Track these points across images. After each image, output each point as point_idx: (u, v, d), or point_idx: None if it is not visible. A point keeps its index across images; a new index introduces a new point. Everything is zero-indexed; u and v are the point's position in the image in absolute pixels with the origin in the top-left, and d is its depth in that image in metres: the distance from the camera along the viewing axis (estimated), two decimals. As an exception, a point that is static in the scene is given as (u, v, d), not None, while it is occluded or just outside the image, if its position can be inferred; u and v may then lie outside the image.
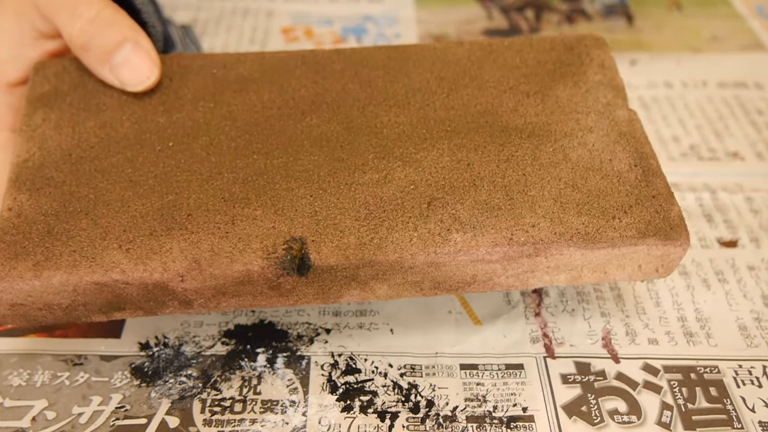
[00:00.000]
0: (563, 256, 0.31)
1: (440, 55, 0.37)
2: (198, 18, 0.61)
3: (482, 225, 0.30)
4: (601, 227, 0.31)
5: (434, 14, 0.63)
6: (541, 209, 0.31)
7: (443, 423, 0.33)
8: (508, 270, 0.31)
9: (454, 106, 0.34)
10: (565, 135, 0.33)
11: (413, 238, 0.30)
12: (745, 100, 0.54)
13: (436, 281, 0.31)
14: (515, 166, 0.32)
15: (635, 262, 0.32)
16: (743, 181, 0.47)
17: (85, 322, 0.34)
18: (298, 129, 0.33)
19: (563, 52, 0.37)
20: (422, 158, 0.32)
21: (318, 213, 0.30)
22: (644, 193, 0.32)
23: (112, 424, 0.33)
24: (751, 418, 0.34)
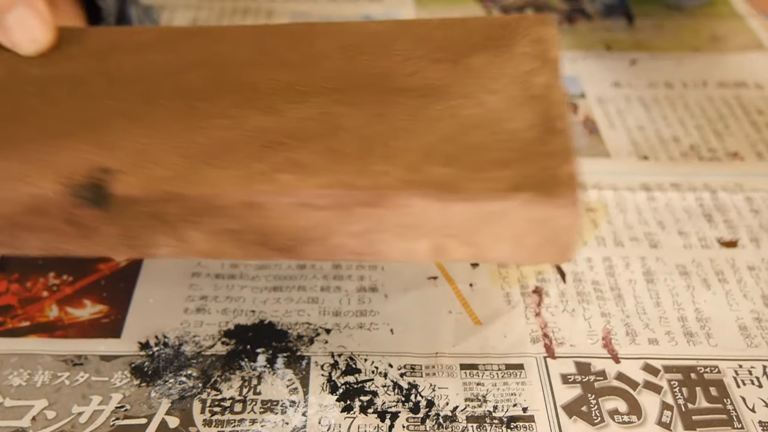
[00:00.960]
0: (413, 208, 0.27)
1: (355, 29, 0.35)
2: (198, 18, 0.61)
3: (320, 168, 0.27)
4: (465, 178, 0.26)
5: (434, 14, 0.63)
6: (401, 160, 0.27)
7: (443, 423, 0.33)
8: (346, 225, 0.27)
9: (348, 69, 0.33)
10: (463, 96, 0.30)
11: (234, 176, 0.28)
12: (745, 100, 0.54)
13: (261, 233, 0.28)
14: (388, 120, 0.29)
15: (512, 230, 0.27)
16: (743, 181, 0.47)
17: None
18: (168, 83, 0.33)
19: (496, 29, 0.34)
20: (287, 110, 0.30)
21: (144, 151, 0.29)
22: (535, 150, 0.28)
23: (112, 424, 0.33)
24: (751, 418, 0.34)
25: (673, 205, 0.45)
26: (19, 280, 0.39)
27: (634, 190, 0.46)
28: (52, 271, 0.39)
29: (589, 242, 0.42)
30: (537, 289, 0.39)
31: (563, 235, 0.27)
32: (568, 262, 0.27)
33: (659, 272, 0.40)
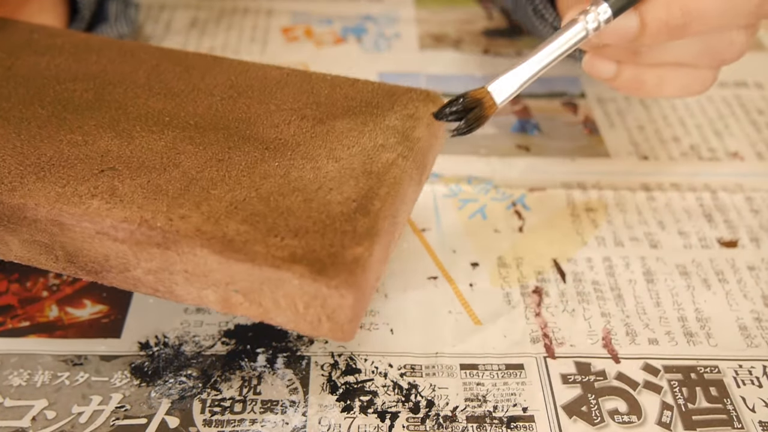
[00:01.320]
0: (197, 258, 0.28)
1: (253, 71, 0.37)
2: (198, 18, 0.61)
3: (131, 201, 0.29)
4: (253, 239, 0.27)
5: (434, 14, 0.63)
6: (207, 208, 0.28)
7: (443, 423, 0.33)
8: (142, 261, 0.29)
9: (220, 109, 0.34)
10: (305, 157, 0.31)
11: (52, 192, 0.29)
12: (745, 100, 0.54)
13: (68, 252, 0.30)
14: (222, 166, 0.31)
15: (291, 298, 0.27)
16: (743, 181, 0.47)
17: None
18: (52, 90, 0.35)
19: (380, 96, 0.35)
20: (140, 137, 0.32)
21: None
22: (337, 225, 0.28)
23: (112, 424, 0.33)
24: (751, 418, 0.34)
25: (673, 205, 0.45)
26: (19, 280, 0.39)
27: (634, 190, 0.46)
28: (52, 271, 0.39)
29: (589, 242, 0.42)
30: (537, 289, 0.39)
31: (339, 314, 0.27)
32: (349, 341, 0.28)
33: (659, 272, 0.40)
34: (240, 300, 0.28)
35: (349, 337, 0.28)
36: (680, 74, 0.37)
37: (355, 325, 0.28)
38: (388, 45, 0.59)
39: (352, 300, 0.26)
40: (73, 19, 0.49)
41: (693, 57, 0.36)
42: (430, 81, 0.55)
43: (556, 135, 0.50)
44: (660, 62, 0.36)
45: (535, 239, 0.42)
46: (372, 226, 0.28)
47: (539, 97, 0.53)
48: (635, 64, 0.37)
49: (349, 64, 0.56)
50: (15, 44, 0.38)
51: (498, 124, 0.51)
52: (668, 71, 0.36)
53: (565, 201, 0.45)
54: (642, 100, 0.53)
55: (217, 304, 0.29)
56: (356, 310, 0.27)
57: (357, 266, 0.27)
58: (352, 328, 0.28)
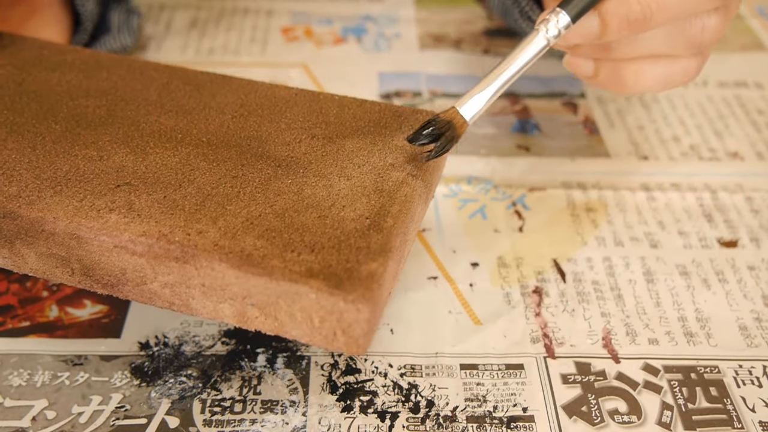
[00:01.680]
0: (215, 272, 0.28)
1: (263, 90, 0.37)
2: (198, 18, 0.61)
3: (149, 216, 0.29)
4: (270, 254, 0.28)
5: (434, 14, 0.63)
6: (223, 223, 0.29)
7: (443, 423, 0.33)
8: (159, 275, 0.29)
9: (231, 127, 0.35)
10: (317, 175, 0.32)
11: (70, 206, 0.29)
12: (745, 100, 0.54)
13: (85, 265, 0.30)
14: (236, 183, 0.31)
15: (307, 312, 0.28)
16: (743, 181, 0.47)
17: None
18: (65, 105, 0.35)
19: (388, 117, 0.36)
20: (154, 153, 0.33)
21: (6, 164, 0.31)
22: (351, 241, 0.29)
23: (112, 424, 0.33)
24: (751, 418, 0.34)
25: (673, 205, 0.45)
26: (19, 280, 0.39)
27: (634, 190, 0.46)
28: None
29: (589, 242, 0.42)
30: (537, 289, 0.39)
31: (354, 327, 0.27)
32: (362, 354, 0.29)
33: (659, 272, 0.40)
34: (256, 314, 0.29)
35: (363, 351, 0.28)
36: (659, 66, 0.37)
37: (370, 338, 0.28)
38: (388, 45, 0.59)
39: (368, 314, 0.27)
40: (76, 31, 0.49)
41: (667, 47, 0.36)
42: (430, 81, 0.55)
43: (556, 135, 0.50)
44: (635, 56, 0.36)
45: (535, 239, 0.42)
46: (386, 243, 0.29)
47: (539, 97, 0.53)
48: (611, 60, 0.37)
49: (349, 64, 0.56)
50: (25, 60, 0.39)
51: (498, 124, 0.51)
52: (646, 64, 0.36)
53: (565, 201, 0.45)
54: (642, 100, 0.53)
55: (233, 318, 0.29)
56: (371, 324, 0.28)
57: (372, 281, 0.27)
58: (366, 342, 0.28)
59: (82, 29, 0.49)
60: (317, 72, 0.55)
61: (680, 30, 0.35)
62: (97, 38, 0.51)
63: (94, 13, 0.49)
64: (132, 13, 0.54)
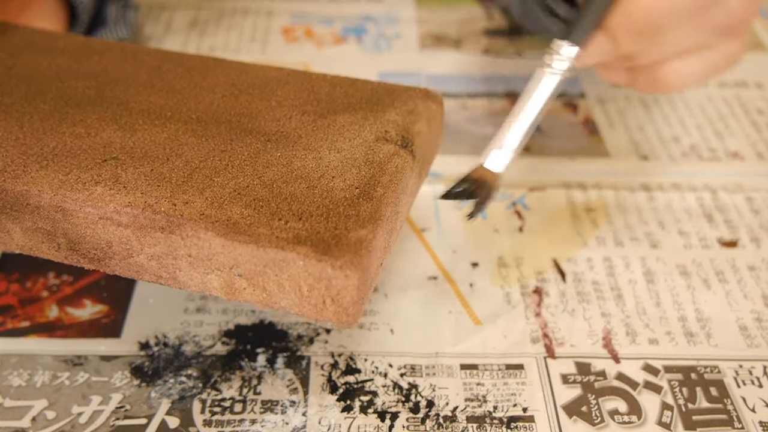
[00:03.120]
0: (201, 241, 0.28)
1: (254, 71, 0.37)
2: (198, 18, 0.61)
3: (135, 188, 0.29)
4: (257, 222, 0.28)
5: (434, 14, 0.63)
6: (210, 194, 0.29)
7: (443, 423, 0.33)
8: (145, 246, 0.29)
9: (222, 105, 0.35)
10: (306, 148, 0.32)
11: (55, 179, 0.30)
12: (745, 100, 0.54)
13: (71, 239, 0.30)
14: (225, 157, 0.31)
15: (295, 281, 0.28)
16: (743, 181, 0.47)
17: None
18: (54, 87, 0.35)
19: (380, 94, 0.35)
20: (143, 130, 0.33)
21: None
22: (340, 210, 0.29)
23: (112, 424, 0.33)
24: (751, 418, 0.34)
25: (673, 205, 0.45)
26: (19, 280, 0.39)
27: (634, 190, 0.46)
28: (52, 271, 0.39)
29: (589, 242, 0.42)
30: (537, 289, 0.39)
31: (343, 295, 0.27)
32: (353, 324, 0.29)
33: (659, 272, 0.40)
34: (244, 285, 0.29)
35: (354, 320, 0.28)
36: (697, 60, 0.34)
37: (360, 308, 0.28)
38: (389, 45, 0.59)
39: (356, 280, 0.27)
40: (72, 24, 0.49)
41: (696, 40, 0.34)
42: (430, 81, 0.55)
43: (556, 135, 0.50)
44: (666, 57, 0.34)
45: (535, 239, 0.42)
46: (375, 211, 0.29)
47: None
48: (644, 66, 0.35)
49: (349, 64, 0.56)
50: (16, 46, 0.39)
51: (498, 124, 0.51)
52: (682, 62, 0.34)
53: (565, 201, 0.45)
54: (642, 100, 0.53)
55: (221, 290, 0.29)
56: (361, 292, 0.28)
57: (361, 247, 0.27)
58: (356, 311, 0.28)
59: (78, 22, 0.49)
60: (317, 72, 0.55)
61: (703, 21, 0.33)
62: (93, 31, 0.51)
63: (90, 6, 0.49)
64: (129, 7, 0.54)
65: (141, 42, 0.58)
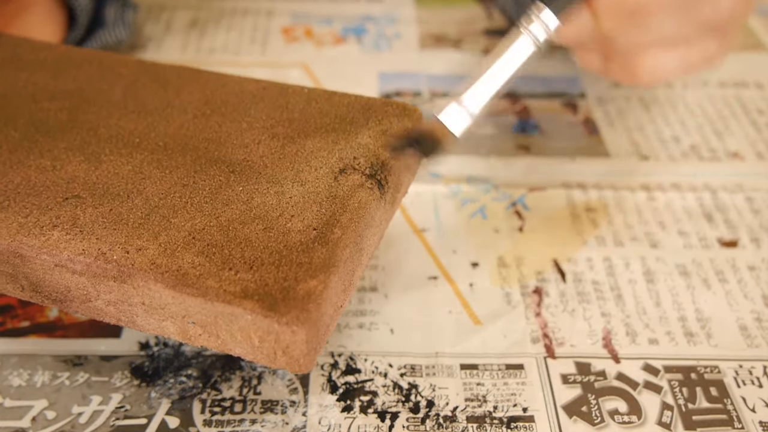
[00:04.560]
0: (152, 291, 0.28)
1: (231, 85, 0.36)
2: (198, 18, 0.61)
3: (91, 232, 0.29)
4: (207, 273, 0.27)
5: (434, 14, 0.63)
6: (166, 237, 0.28)
7: (443, 423, 0.33)
8: (101, 293, 0.29)
9: (191, 128, 0.34)
10: (270, 180, 0.31)
11: (14, 223, 0.29)
12: (745, 100, 0.54)
13: (32, 282, 0.30)
14: (185, 192, 0.30)
15: (246, 332, 0.27)
16: (743, 181, 0.47)
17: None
18: (27, 110, 0.35)
19: (356, 111, 0.34)
20: (108, 161, 0.32)
21: None
22: (293, 256, 0.28)
23: (112, 424, 0.33)
24: (751, 418, 0.34)
25: (673, 205, 0.45)
26: (19, 280, 0.39)
27: (634, 190, 0.46)
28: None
29: (589, 242, 0.42)
30: (537, 289, 0.39)
31: (293, 348, 0.27)
32: (307, 372, 0.28)
33: (659, 272, 0.40)
34: (198, 332, 0.28)
35: (306, 370, 0.28)
36: (674, 53, 0.34)
37: (312, 358, 0.28)
38: (389, 45, 0.59)
39: (304, 336, 0.26)
40: (71, 26, 0.49)
41: (678, 32, 0.33)
42: (430, 81, 0.55)
43: (556, 135, 0.50)
44: (644, 45, 0.34)
45: (535, 239, 0.42)
46: (329, 257, 0.28)
47: (539, 97, 0.53)
48: (621, 52, 0.35)
49: (349, 64, 0.56)
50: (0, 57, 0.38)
51: (498, 124, 0.51)
52: (659, 52, 0.34)
53: (565, 201, 0.45)
54: (642, 100, 0.53)
55: (177, 335, 0.29)
56: (311, 345, 0.27)
57: (309, 301, 0.26)
58: (308, 362, 0.27)
59: (77, 24, 0.49)
60: (317, 72, 0.55)
61: (689, 13, 0.33)
62: (92, 33, 0.51)
63: (89, 8, 0.49)
64: (127, 8, 0.54)
65: (141, 42, 0.58)
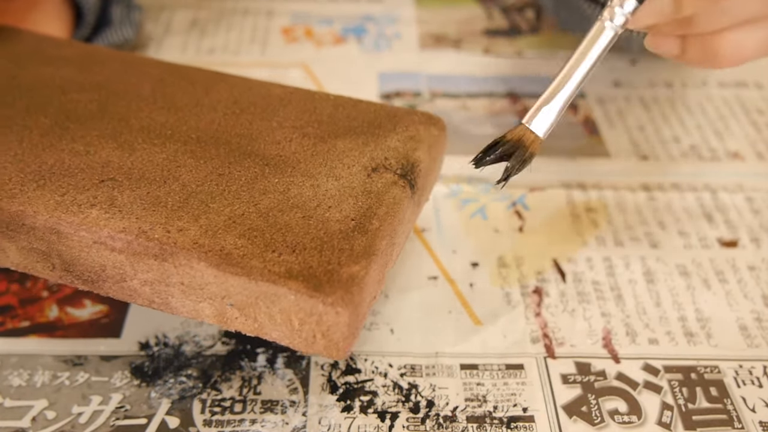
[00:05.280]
0: (193, 270, 0.28)
1: (257, 88, 0.37)
2: (198, 18, 0.61)
3: (130, 212, 0.29)
4: (250, 254, 0.27)
5: (434, 14, 0.63)
6: (206, 220, 0.29)
7: (443, 423, 0.33)
8: (138, 272, 0.29)
9: (222, 124, 0.34)
10: (305, 174, 0.32)
11: (51, 200, 0.29)
12: (745, 100, 0.54)
13: (65, 261, 0.30)
14: (222, 181, 0.31)
15: (286, 314, 0.28)
16: (743, 181, 0.47)
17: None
18: (56, 100, 0.35)
19: (382, 117, 0.35)
20: (141, 149, 0.32)
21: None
22: (335, 243, 0.28)
23: (112, 424, 0.33)
24: (751, 418, 0.34)
25: (673, 205, 0.45)
26: (19, 280, 0.39)
27: (634, 190, 0.46)
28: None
29: (589, 242, 0.42)
30: (537, 289, 0.39)
31: (334, 331, 0.27)
32: (343, 359, 0.28)
33: (659, 272, 0.40)
34: (235, 314, 0.28)
35: (344, 355, 0.28)
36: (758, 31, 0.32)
37: (350, 342, 0.28)
38: (388, 45, 0.59)
39: (347, 318, 0.27)
40: (78, 25, 0.49)
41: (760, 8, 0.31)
42: (430, 81, 0.55)
43: (556, 135, 0.50)
44: (726, 25, 0.32)
45: (535, 239, 0.42)
46: (369, 246, 0.29)
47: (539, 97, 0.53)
48: (699, 35, 0.33)
49: (349, 64, 0.56)
50: (22, 54, 0.38)
51: (498, 124, 0.51)
52: (741, 32, 0.32)
53: (565, 201, 0.45)
54: (642, 100, 0.53)
55: (213, 318, 0.29)
56: (351, 328, 0.27)
57: (353, 284, 0.27)
58: (346, 346, 0.28)
59: (84, 23, 0.49)
60: (317, 72, 0.55)
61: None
62: (99, 31, 0.51)
63: (96, 6, 0.49)
64: (133, 8, 0.54)
65: (141, 42, 0.58)
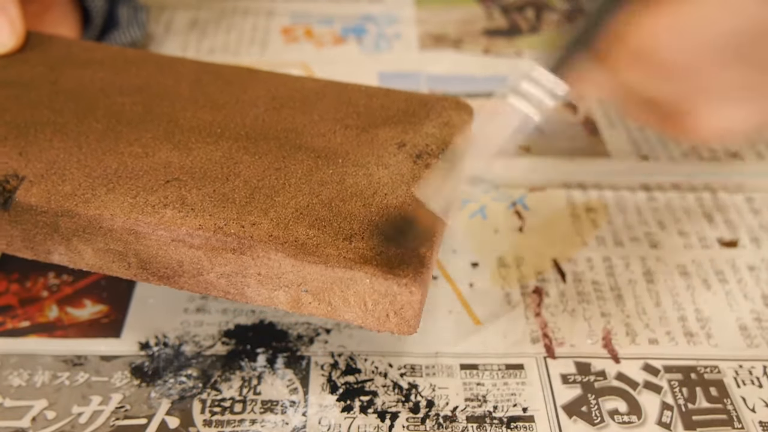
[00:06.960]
0: (271, 261, 0.29)
1: (291, 82, 0.38)
2: (198, 18, 0.61)
3: (202, 210, 0.30)
4: (324, 243, 0.29)
5: (434, 14, 0.63)
6: (275, 214, 0.30)
7: (443, 423, 0.33)
8: (216, 266, 0.30)
9: (267, 119, 0.35)
10: (356, 164, 0.32)
11: (125, 203, 0.30)
12: (745, 100, 0.54)
13: (142, 259, 0.31)
14: (280, 175, 0.32)
15: (360, 296, 0.29)
16: (743, 181, 0.47)
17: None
18: (102, 103, 0.35)
19: (415, 105, 0.36)
20: (197, 148, 0.33)
21: (57, 164, 0.32)
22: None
23: (112, 425, 0.33)
24: (751, 418, 0.34)
25: (673, 205, 0.45)
26: (19, 280, 0.39)
27: (634, 190, 0.46)
28: (52, 271, 0.39)
29: (589, 242, 0.42)
30: (537, 289, 0.39)
31: (407, 309, 0.29)
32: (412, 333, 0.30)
33: (659, 272, 0.40)
34: (309, 299, 0.30)
35: (414, 330, 0.29)
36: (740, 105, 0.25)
37: (419, 319, 0.29)
38: (389, 45, 0.59)
39: (420, 296, 0.28)
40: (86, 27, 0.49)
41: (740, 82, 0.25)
42: (430, 81, 0.55)
43: (556, 135, 0.50)
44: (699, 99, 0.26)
45: (535, 239, 0.42)
46: (428, 227, 0.30)
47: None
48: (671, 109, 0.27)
49: (349, 64, 0.56)
50: (55, 59, 0.39)
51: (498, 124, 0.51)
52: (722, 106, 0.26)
53: (565, 201, 0.45)
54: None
55: (287, 304, 0.30)
56: (421, 305, 0.29)
57: (422, 265, 0.29)
58: (416, 322, 0.29)
59: (92, 25, 0.49)
60: (317, 72, 0.55)
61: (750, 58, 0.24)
62: (106, 33, 0.51)
63: (104, 8, 0.49)
64: (139, 9, 0.54)
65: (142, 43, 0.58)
